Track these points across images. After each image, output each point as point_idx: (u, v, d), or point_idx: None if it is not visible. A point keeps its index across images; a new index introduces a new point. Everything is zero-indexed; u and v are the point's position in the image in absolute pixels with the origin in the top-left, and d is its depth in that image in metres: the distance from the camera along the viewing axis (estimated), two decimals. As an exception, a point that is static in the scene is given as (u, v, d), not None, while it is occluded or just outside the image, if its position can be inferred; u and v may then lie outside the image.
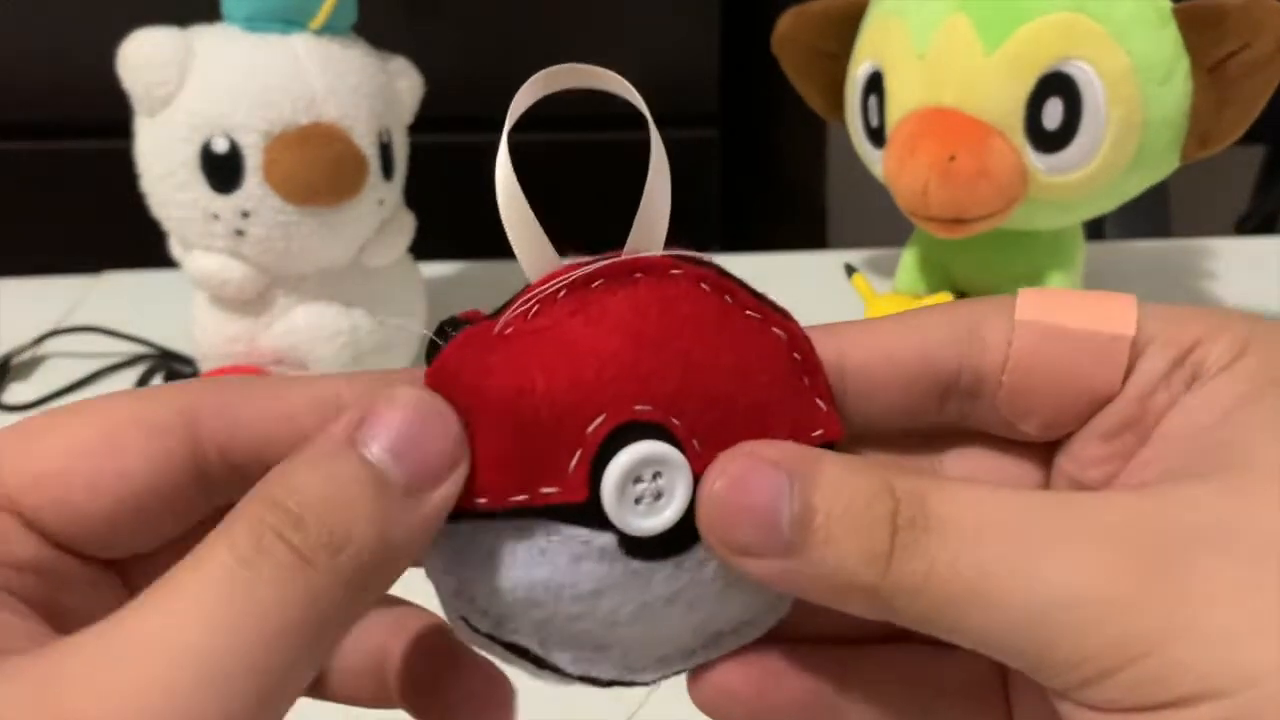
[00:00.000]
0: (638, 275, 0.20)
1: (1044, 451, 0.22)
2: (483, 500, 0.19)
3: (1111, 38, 0.46)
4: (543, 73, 0.19)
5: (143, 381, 0.61)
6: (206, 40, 0.50)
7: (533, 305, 0.19)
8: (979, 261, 0.55)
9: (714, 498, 0.19)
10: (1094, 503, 0.18)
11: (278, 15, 0.50)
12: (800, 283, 0.71)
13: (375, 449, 0.18)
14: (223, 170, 0.49)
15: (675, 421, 0.19)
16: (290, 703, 0.18)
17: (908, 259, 0.59)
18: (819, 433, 0.20)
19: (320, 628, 0.17)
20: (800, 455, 0.19)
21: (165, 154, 0.50)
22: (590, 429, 0.19)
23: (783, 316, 0.20)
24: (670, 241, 0.20)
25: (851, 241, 0.79)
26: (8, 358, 0.63)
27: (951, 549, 0.18)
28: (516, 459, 0.19)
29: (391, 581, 0.19)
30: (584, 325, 0.19)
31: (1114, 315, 0.20)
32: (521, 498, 0.19)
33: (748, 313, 0.20)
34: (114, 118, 0.54)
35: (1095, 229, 0.72)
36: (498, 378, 0.19)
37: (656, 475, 0.19)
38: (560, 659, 0.21)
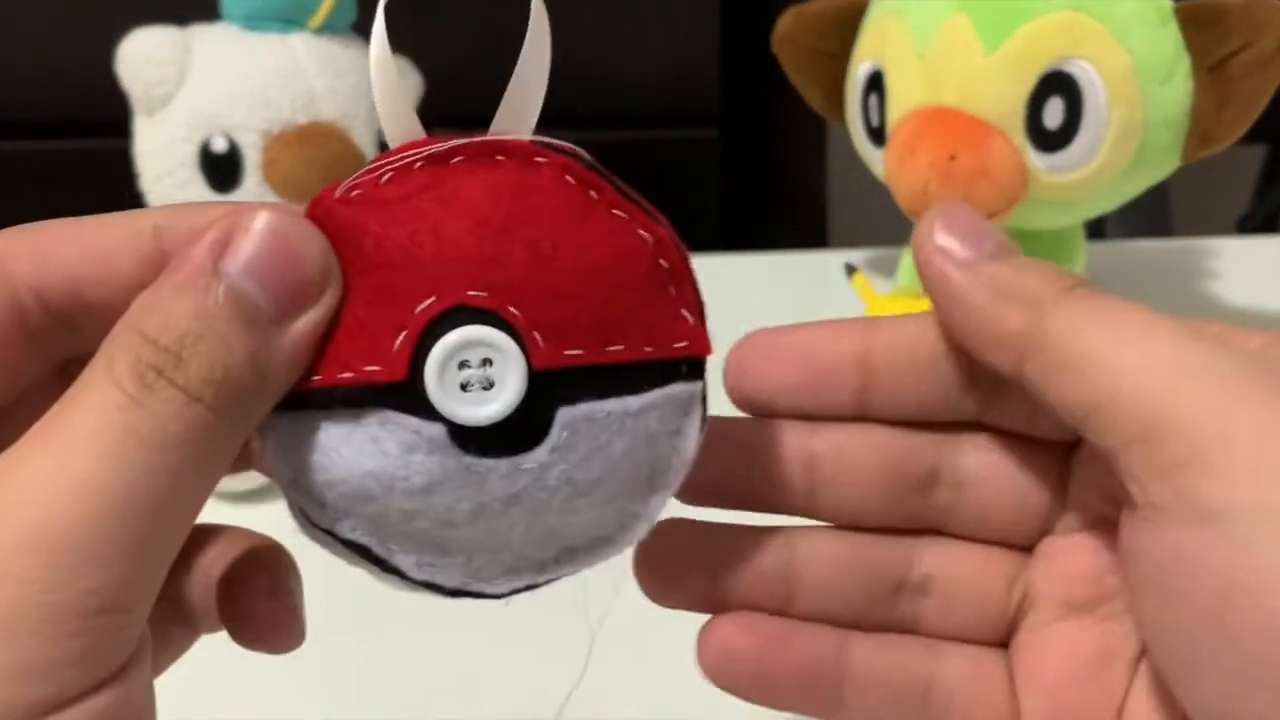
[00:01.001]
0: (499, 158, 0.19)
1: (1060, 451, 0.23)
2: (316, 378, 0.19)
3: (1112, 37, 0.46)
4: None
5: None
6: (205, 39, 0.50)
7: (386, 172, 0.19)
8: (979, 261, 0.55)
9: (944, 209, 0.21)
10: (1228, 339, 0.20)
11: (277, 14, 0.50)
12: (800, 283, 0.70)
13: (237, 275, 0.18)
14: (222, 170, 0.49)
15: (513, 311, 0.18)
16: (181, 539, 0.18)
17: (908, 259, 0.59)
18: (682, 344, 0.20)
19: (209, 460, 0.18)
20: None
21: (164, 153, 0.50)
22: (418, 309, 0.18)
23: (652, 219, 0.20)
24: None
25: (851, 241, 0.79)
26: (6, 358, 0.63)
27: (1119, 308, 0.19)
28: (345, 334, 0.19)
29: (265, 411, 0.19)
30: (431, 202, 0.19)
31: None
32: (347, 375, 0.19)
33: (614, 211, 0.19)
34: (113, 117, 0.54)
35: (1096, 229, 0.72)
36: (334, 247, 0.19)
37: (487, 363, 0.18)
38: (402, 562, 0.20)
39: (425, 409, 0.19)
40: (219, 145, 0.49)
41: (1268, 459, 0.17)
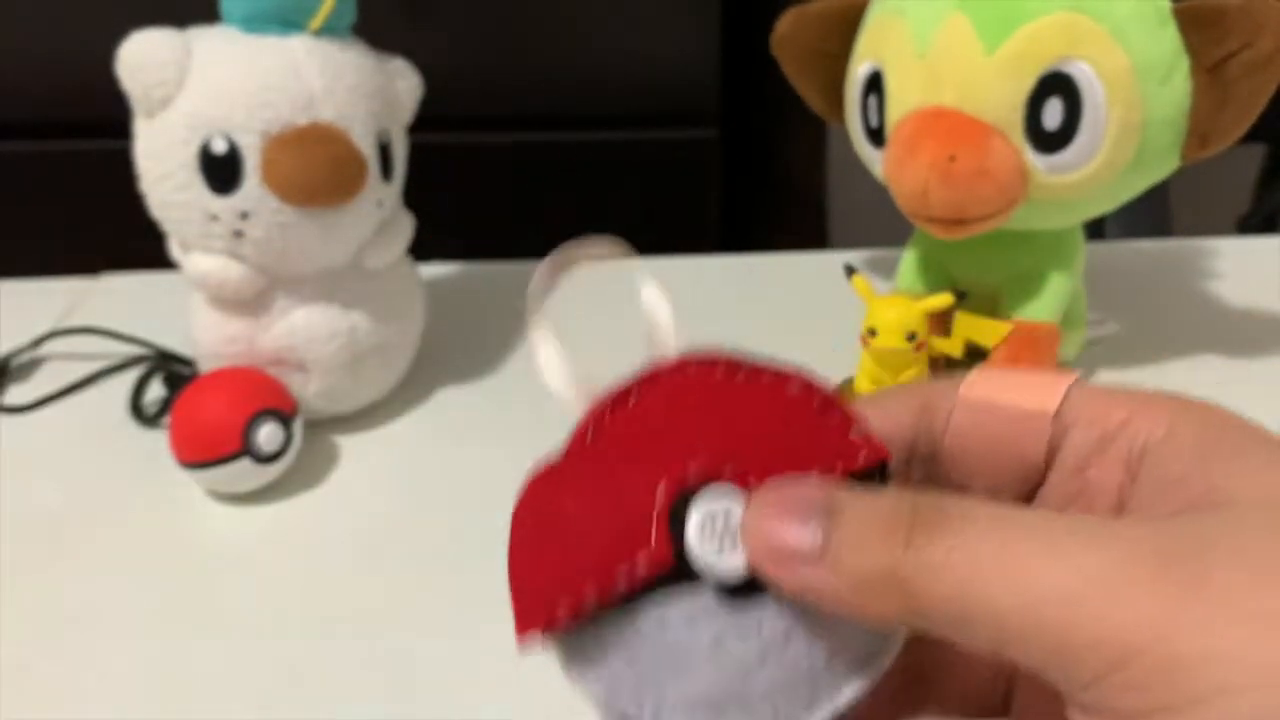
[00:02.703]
0: (660, 375, 0.23)
1: None
2: (589, 600, 0.20)
3: (1111, 37, 0.46)
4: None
5: (142, 382, 0.61)
6: (205, 41, 0.50)
7: (588, 429, 0.22)
8: (979, 262, 0.55)
9: (752, 516, 0.20)
10: (1101, 518, 0.19)
11: (276, 16, 0.50)
12: (800, 283, 0.70)
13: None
14: (221, 171, 0.49)
15: (728, 468, 0.21)
16: None
17: (908, 259, 0.59)
18: (862, 454, 0.22)
19: None
20: (828, 482, 0.21)
21: (164, 155, 0.50)
22: (656, 495, 0.21)
23: (789, 377, 0.22)
24: (670, 241, 0.20)
25: (851, 241, 0.79)
26: (7, 359, 0.63)
27: (972, 532, 0.18)
28: (603, 547, 0.21)
29: None
30: (626, 422, 0.22)
31: (1044, 393, 0.22)
32: (622, 585, 0.20)
33: (767, 381, 0.22)
34: (113, 118, 0.54)
35: (1095, 229, 0.72)
36: (568, 494, 0.22)
37: (726, 517, 0.21)
38: None
39: (688, 577, 0.21)
40: (219, 147, 0.49)
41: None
